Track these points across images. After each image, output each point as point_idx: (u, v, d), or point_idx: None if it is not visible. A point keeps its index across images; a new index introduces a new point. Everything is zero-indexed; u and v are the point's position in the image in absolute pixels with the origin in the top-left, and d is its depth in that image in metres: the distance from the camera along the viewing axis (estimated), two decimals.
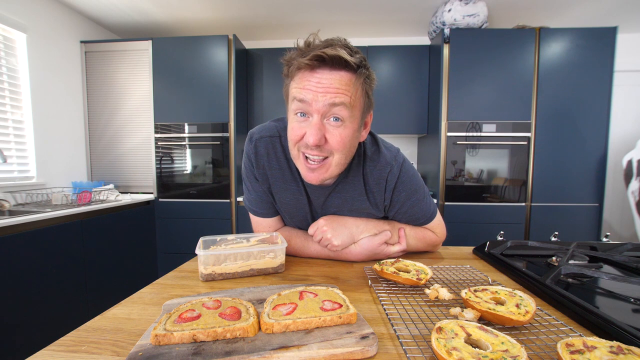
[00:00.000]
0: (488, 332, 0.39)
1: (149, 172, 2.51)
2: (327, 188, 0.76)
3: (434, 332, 0.38)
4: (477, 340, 0.38)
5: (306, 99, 0.59)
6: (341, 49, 0.58)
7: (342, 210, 0.79)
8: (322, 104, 0.59)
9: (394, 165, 0.75)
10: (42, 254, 1.59)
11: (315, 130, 0.60)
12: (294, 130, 0.64)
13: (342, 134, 0.62)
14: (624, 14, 2.46)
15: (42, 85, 2.19)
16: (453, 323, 0.41)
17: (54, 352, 0.38)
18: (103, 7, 2.40)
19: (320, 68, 0.59)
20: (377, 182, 0.76)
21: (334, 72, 0.59)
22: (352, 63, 0.58)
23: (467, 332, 0.39)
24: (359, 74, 0.61)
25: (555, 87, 2.21)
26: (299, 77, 0.61)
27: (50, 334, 1.59)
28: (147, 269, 2.44)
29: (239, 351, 0.37)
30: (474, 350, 0.35)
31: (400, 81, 2.59)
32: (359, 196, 0.77)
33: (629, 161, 1.95)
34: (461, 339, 0.38)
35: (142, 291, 0.58)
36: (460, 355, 0.34)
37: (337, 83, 0.59)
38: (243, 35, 2.84)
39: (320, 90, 0.58)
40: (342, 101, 0.59)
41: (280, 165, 0.77)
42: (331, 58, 0.57)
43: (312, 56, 0.57)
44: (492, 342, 0.37)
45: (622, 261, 0.70)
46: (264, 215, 0.85)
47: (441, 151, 2.29)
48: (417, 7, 2.42)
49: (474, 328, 0.40)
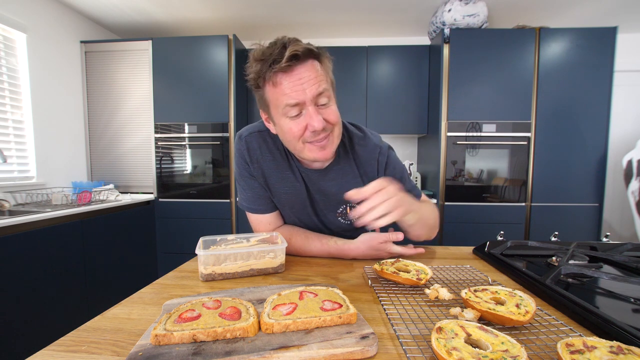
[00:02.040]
0: (488, 332, 0.39)
1: (149, 172, 2.51)
2: (321, 172, 0.81)
3: (434, 332, 0.38)
4: (477, 340, 0.38)
5: (299, 100, 0.65)
6: (300, 43, 0.65)
7: (339, 196, 0.81)
8: (312, 95, 0.65)
9: (382, 146, 0.84)
10: (42, 254, 1.59)
11: (317, 117, 0.67)
12: (292, 128, 0.69)
13: (333, 109, 0.71)
14: (624, 14, 2.46)
15: (42, 85, 2.18)
16: (453, 323, 0.40)
17: (54, 352, 0.38)
18: (103, 7, 2.40)
19: (294, 66, 0.64)
20: (369, 162, 0.83)
21: (305, 65, 0.65)
22: (315, 50, 0.66)
23: (467, 332, 0.39)
24: (322, 57, 0.68)
25: (555, 87, 2.21)
26: (278, 82, 0.65)
27: (50, 334, 1.59)
28: (147, 269, 2.43)
29: (239, 351, 0.37)
30: (474, 350, 0.35)
31: (400, 81, 2.59)
32: (353, 179, 0.83)
33: (629, 161, 1.95)
34: (461, 339, 0.37)
35: (142, 291, 0.58)
36: (460, 355, 0.34)
37: (313, 73, 0.65)
38: (243, 35, 2.84)
39: (305, 85, 0.64)
40: (324, 87, 0.67)
41: (273, 157, 0.81)
42: (302, 53, 0.63)
43: (287, 58, 0.62)
44: (492, 342, 0.37)
45: (622, 261, 0.70)
46: (263, 212, 0.85)
47: (441, 151, 2.29)
48: (417, 7, 2.42)
49: (474, 328, 0.39)
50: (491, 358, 0.34)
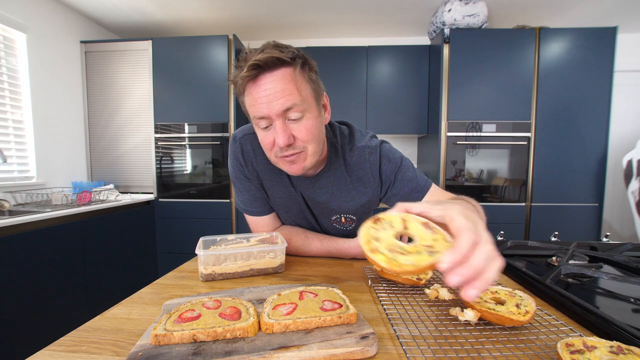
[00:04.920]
0: (430, 228, 0.37)
1: (149, 172, 2.51)
2: (310, 179, 0.78)
3: (369, 221, 0.37)
4: (412, 235, 0.37)
5: (264, 114, 0.62)
6: (272, 50, 0.60)
7: (331, 205, 0.80)
8: (277, 110, 0.61)
9: (371, 144, 0.78)
10: (42, 254, 1.59)
11: (282, 132, 0.62)
12: (263, 140, 0.67)
13: (307, 125, 0.64)
14: (624, 14, 2.46)
15: (42, 85, 2.18)
16: (396, 216, 0.39)
17: (54, 352, 0.38)
18: (103, 7, 2.40)
19: (261, 75, 0.60)
20: (360, 166, 0.78)
21: (274, 74, 0.60)
22: (286, 58, 0.60)
23: (405, 226, 0.37)
24: (295, 64, 0.62)
25: (555, 87, 2.21)
26: (247, 91, 0.63)
27: (50, 334, 1.59)
28: (147, 269, 2.43)
29: (239, 351, 0.37)
30: (395, 243, 0.34)
31: (400, 81, 2.59)
32: (345, 186, 0.79)
33: (629, 161, 1.95)
34: (392, 231, 0.36)
35: (142, 291, 0.58)
36: (377, 245, 0.34)
37: (281, 84, 0.60)
38: (243, 35, 2.84)
39: (271, 99, 0.60)
40: (293, 102, 0.61)
41: (267, 160, 0.78)
42: (265, 61, 0.59)
43: (249, 67, 0.59)
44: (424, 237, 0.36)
45: (622, 261, 0.70)
46: (261, 214, 0.85)
47: (441, 151, 2.29)
48: (417, 7, 2.42)
49: (415, 223, 0.38)
50: (408, 251, 0.33)
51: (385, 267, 0.35)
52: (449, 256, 0.34)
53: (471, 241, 0.35)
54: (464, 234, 0.35)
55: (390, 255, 0.35)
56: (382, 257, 0.35)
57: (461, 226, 0.36)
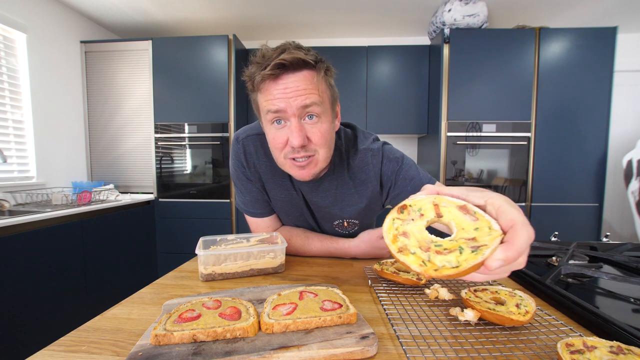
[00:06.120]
0: (470, 213, 0.30)
1: (149, 172, 2.51)
2: (312, 182, 0.77)
3: (394, 211, 0.30)
4: (448, 223, 0.31)
5: (280, 108, 0.61)
6: (296, 51, 0.60)
7: (334, 210, 0.80)
8: (296, 107, 0.61)
9: (373, 147, 0.78)
10: (42, 254, 1.59)
11: (297, 132, 0.62)
12: (275, 138, 0.66)
13: (322, 129, 0.64)
14: (624, 14, 2.46)
15: (42, 85, 2.18)
16: (427, 200, 0.32)
17: (54, 352, 0.38)
18: (103, 7, 2.40)
19: (283, 74, 0.60)
20: (362, 169, 0.77)
21: (296, 74, 0.60)
22: (310, 60, 0.60)
23: (438, 213, 0.31)
24: (319, 69, 0.63)
25: (555, 87, 2.21)
26: (264, 89, 0.62)
27: (50, 334, 1.59)
28: (147, 269, 2.43)
29: (239, 351, 0.37)
30: (428, 238, 0.29)
31: (400, 81, 2.59)
32: (347, 190, 0.78)
33: (629, 161, 1.95)
34: (424, 221, 0.30)
35: (142, 291, 0.58)
36: (406, 242, 0.28)
37: (303, 84, 0.60)
38: (243, 35, 2.84)
39: (290, 95, 0.60)
40: (312, 101, 0.61)
41: (269, 162, 0.77)
42: (291, 62, 0.59)
43: (273, 65, 0.58)
44: (464, 226, 0.29)
45: (622, 261, 0.70)
46: (261, 215, 0.85)
47: (441, 151, 2.29)
48: (417, 7, 2.42)
49: (452, 208, 0.31)
50: (445, 248, 0.27)
51: (419, 272, 0.28)
52: (502, 253, 0.30)
53: (530, 239, 0.32)
54: (521, 229, 0.32)
55: (423, 256, 0.28)
56: (413, 259, 0.28)
57: (516, 219, 0.33)
